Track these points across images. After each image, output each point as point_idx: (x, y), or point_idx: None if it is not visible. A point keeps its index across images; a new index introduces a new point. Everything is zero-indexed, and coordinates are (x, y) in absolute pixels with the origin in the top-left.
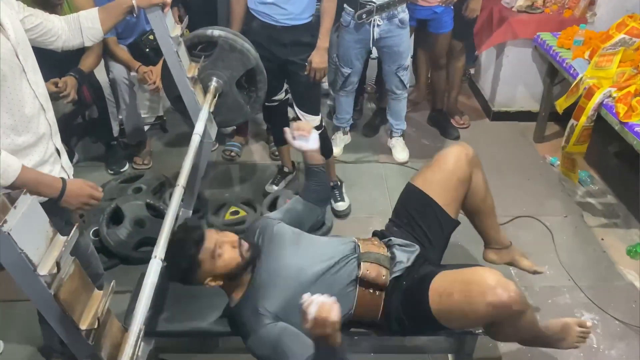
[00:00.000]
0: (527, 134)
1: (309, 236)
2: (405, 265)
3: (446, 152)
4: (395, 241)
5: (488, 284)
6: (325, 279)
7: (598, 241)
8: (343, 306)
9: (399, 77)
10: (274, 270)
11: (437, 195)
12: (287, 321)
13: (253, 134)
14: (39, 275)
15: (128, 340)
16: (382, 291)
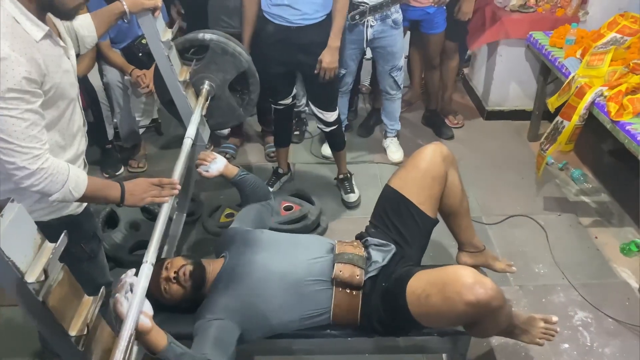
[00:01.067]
0: (521, 132)
1: (284, 236)
2: (380, 265)
3: (420, 151)
4: (372, 241)
5: (464, 283)
6: (297, 280)
7: (592, 239)
8: (319, 305)
9: (393, 77)
10: (239, 274)
11: (412, 194)
12: (241, 322)
13: (248, 136)
14: (26, 283)
15: (118, 345)
16: (358, 290)
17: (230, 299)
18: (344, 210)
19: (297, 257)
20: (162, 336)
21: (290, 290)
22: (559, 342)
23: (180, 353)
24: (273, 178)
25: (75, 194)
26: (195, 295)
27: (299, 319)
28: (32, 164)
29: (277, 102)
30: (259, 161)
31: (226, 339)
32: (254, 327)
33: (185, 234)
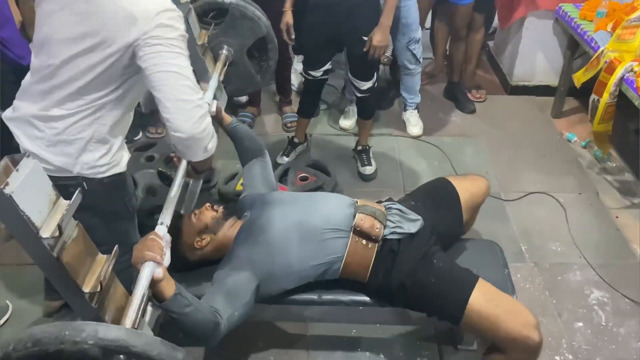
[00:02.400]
0: (545, 109)
1: (303, 193)
2: (407, 232)
3: (483, 179)
4: (397, 206)
5: (531, 321)
6: (314, 227)
7: (612, 219)
8: (333, 253)
9: (411, 50)
10: (258, 227)
11: (463, 201)
12: (259, 273)
13: (266, 105)
14: (41, 238)
15: (132, 304)
16: (374, 243)
17: (250, 251)
18: (360, 182)
19: (314, 208)
20: (170, 287)
21: (307, 238)
22: (573, 321)
23: (185, 305)
24: (288, 147)
25: (214, 145)
26: (221, 221)
27: (312, 268)
28: (204, 105)
29: (307, 71)
30: (275, 131)
31: (241, 290)
32: (271, 278)
33: (202, 201)
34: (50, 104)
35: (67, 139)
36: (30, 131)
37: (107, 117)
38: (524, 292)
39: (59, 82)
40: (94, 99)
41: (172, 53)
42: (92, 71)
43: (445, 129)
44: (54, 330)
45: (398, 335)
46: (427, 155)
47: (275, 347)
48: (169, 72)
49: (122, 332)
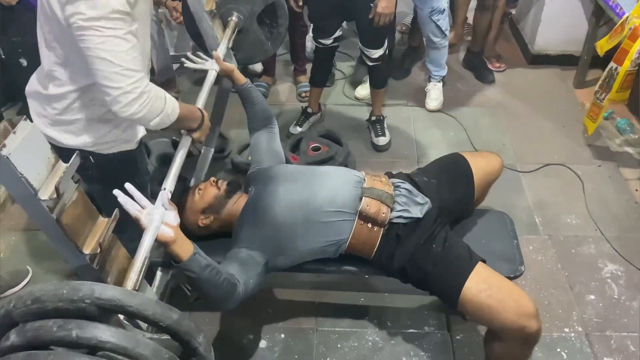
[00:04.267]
0: (566, 79)
1: (307, 168)
2: (414, 217)
3: (497, 158)
4: (404, 186)
5: (527, 310)
6: (318, 208)
7: (631, 192)
8: (338, 235)
9: (435, 22)
10: (262, 205)
11: (476, 179)
12: (265, 251)
13: (281, 75)
14: (40, 200)
15: (133, 267)
16: (380, 227)
17: (256, 230)
18: (373, 153)
19: (320, 187)
20: (187, 246)
21: (312, 219)
22: (585, 293)
23: (205, 265)
24: (302, 117)
25: (171, 117)
26: (224, 201)
27: (318, 248)
28: (137, 87)
29: (317, 39)
30: (290, 101)
31: (253, 263)
32: (278, 255)
33: (214, 171)
34: (47, 82)
35: (67, 119)
36: (37, 108)
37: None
38: (536, 264)
39: (48, 60)
40: (79, 78)
41: (102, 37)
42: (58, 49)
43: (463, 99)
44: (52, 288)
45: (406, 304)
46: (443, 126)
47: (284, 314)
48: (98, 59)
49: (117, 292)
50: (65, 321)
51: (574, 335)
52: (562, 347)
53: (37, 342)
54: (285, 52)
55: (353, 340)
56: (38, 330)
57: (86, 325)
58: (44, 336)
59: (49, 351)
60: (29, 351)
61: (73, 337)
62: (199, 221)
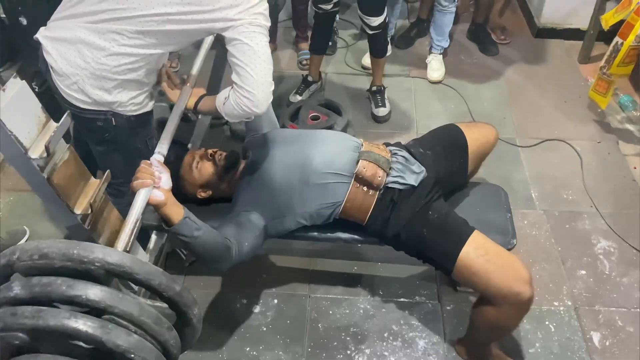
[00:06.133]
0: (572, 53)
1: (305, 131)
2: (409, 184)
3: (492, 130)
4: (401, 153)
5: (522, 276)
6: (315, 171)
7: (630, 169)
8: (334, 198)
9: None
10: (260, 169)
11: (470, 149)
12: (264, 214)
13: (282, 41)
14: (30, 159)
15: (125, 228)
16: (375, 191)
17: (254, 193)
18: (373, 124)
19: (316, 150)
20: (178, 210)
21: (308, 181)
22: (576, 269)
23: (195, 229)
24: (302, 86)
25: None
26: (222, 177)
27: (314, 210)
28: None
29: (317, 4)
30: (290, 68)
31: (250, 226)
32: (276, 218)
33: (212, 137)
34: (108, 35)
35: (111, 77)
36: (73, 56)
37: (152, 64)
38: (529, 238)
39: (128, 15)
40: (155, 46)
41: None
42: (172, 23)
43: (465, 71)
44: (62, 246)
45: (398, 274)
46: (444, 98)
47: (278, 280)
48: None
49: (127, 259)
50: (74, 281)
51: (563, 308)
52: (550, 320)
53: (43, 297)
54: (287, 18)
55: (345, 307)
56: (46, 286)
57: (94, 287)
58: (52, 293)
59: (58, 309)
60: (39, 307)
61: (83, 298)
62: (197, 194)
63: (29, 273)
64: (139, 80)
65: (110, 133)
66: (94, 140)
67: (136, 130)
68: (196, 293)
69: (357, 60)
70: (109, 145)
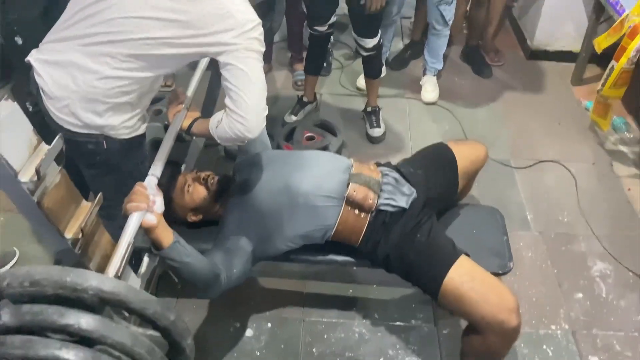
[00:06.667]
0: (564, 75)
1: (295, 152)
2: (400, 206)
3: (482, 146)
4: (392, 174)
5: (508, 305)
6: (305, 193)
7: (624, 191)
8: (325, 221)
9: (440, 11)
10: (249, 192)
11: (460, 169)
12: (252, 238)
13: (277, 62)
14: (20, 182)
15: (116, 252)
16: (367, 214)
17: (242, 216)
18: (367, 145)
19: (306, 171)
20: (168, 235)
21: (298, 204)
22: (573, 291)
23: (184, 254)
24: (297, 106)
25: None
26: (214, 202)
27: (304, 233)
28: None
29: (313, 26)
30: (285, 88)
31: (239, 251)
32: (265, 241)
33: (207, 157)
34: (100, 58)
35: (102, 100)
36: (64, 79)
37: (145, 87)
38: (525, 261)
39: (121, 38)
40: (147, 69)
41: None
42: (167, 46)
43: (459, 93)
44: (55, 273)
45: (394, 296)
46: (438, 119)
47: (271, 303)
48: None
49: (122, 287)
50: (66, 310)
51: (560, 332)
52: (548, 344)
53: (34, 327)
54: (282, 40)
55: (340, 331)
56: (37, 315)
57: (86, 316)
58: (42, 322)
59: (49, 339)
60: (28, 336)
61: (75, 327)
62: (188, 218)
63: (19, 300)
64: (132, 103)
65: (101, 156)
66: (85, 164)
67: (128, 154)
68: (188, 316)
69: (351, 81)
70: (100, 168)
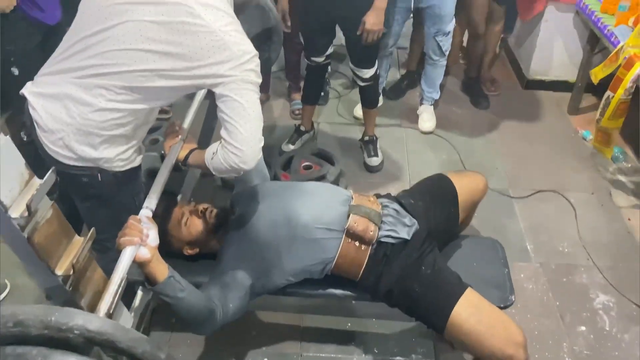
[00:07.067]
0: (561, 104)
1: (294, 184)
2: (401, 238)
3: (481, 177)
4: (393, 206)
5: (515, 339)
6: (304, 225)
7: (624, 221)
8: (326, 254)
9: (437, 41)
10: (247, 224)
11: (460, 200)
12: (251, 272)
13: (275, 91)
14: (10, 218)
15: (108, 289)
16: (367, 246)
17: (240, 249)
18: (365, 173)
19: (305, 203)
20: (162, 269)
21: (297, 236)
22: (576, 324)
23: (179, 289)
24: (294, 135)
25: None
26: (211, 235)
27: (304, 267)
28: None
29: (310, 57)
30: (283, 117)
31: (236, 285)
32: (264, 276)
33: (203, 187)
34: (95, 90)
35: (97, 133)
36: (59, 112)
37: (140, 119)
38: (527, 292)
39: (116, 70)
40: (142, 101)
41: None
42: (162, 79)
43: (457, 122)
44: (39, 313)
45: (394, 330)
46: (436, 149)
47: (268, 338)
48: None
49: (109, 326)
50: (50, 352)
51: None
52: None
53: None
54: (280, 69)
55: None
56: (20, 357)
57: (72, 358)
58: None
59: None
60: None
61: None
62: (184, 251)
63: (3, 342)
64: (127, 135)
65: (96, 189)
66: (79, 196)
67: (123, 186)
68: (182, 351)
69: (349, 110)
70: (94, 201)
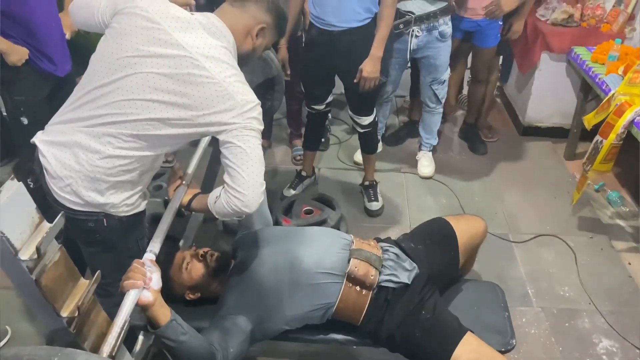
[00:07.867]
0: (557, 150)
1: (295, 229)
2: (402, 282)
3: (480, 221)
4: (393, 250)
5: None
6: (306, 271)
7: (624, 265)
8: (326, 299)
9: (433, 90)
10: (249, 270)
11: (460, 243)
12: (252, 317)
13: (276, 138)
14: (20, 260)
15: (111, 331)
16: (368, 291)
17: (241, 294)
18: (366, 218)
19: (306, 248)
20: (165, 312)
21: (298, 282)
22: None
23: (181, 333)
24: (296, 180)
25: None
26: (212, 279)
27: (305, 312)
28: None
29: (310, 105)
30: (284, 163)
31: (237, 331)
32: (265, 321)
33: (206, 231)
34: (103, 138)
35: (105, 179)
36: (68, 159)
37: (146, 165)
38: (529, 338)
39: (125, 119)
40: (149, 148)
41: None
42: (169, 127)
43: (456, 167)
44: (43, 354)
45: None
46: (435, 193)
47: None
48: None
49: None
50: None
51: None
52: None
53: None
54: (282, 117)
55: None
56: None
57: None
58: None
59: None
60: None
61: None
62: (186, 295)
63: None
64: (133, 181)
65: (101, 234)
66: (85, 241)
67: (128, 231)
68: None
69: (349, 156)
70: (99, 246)
